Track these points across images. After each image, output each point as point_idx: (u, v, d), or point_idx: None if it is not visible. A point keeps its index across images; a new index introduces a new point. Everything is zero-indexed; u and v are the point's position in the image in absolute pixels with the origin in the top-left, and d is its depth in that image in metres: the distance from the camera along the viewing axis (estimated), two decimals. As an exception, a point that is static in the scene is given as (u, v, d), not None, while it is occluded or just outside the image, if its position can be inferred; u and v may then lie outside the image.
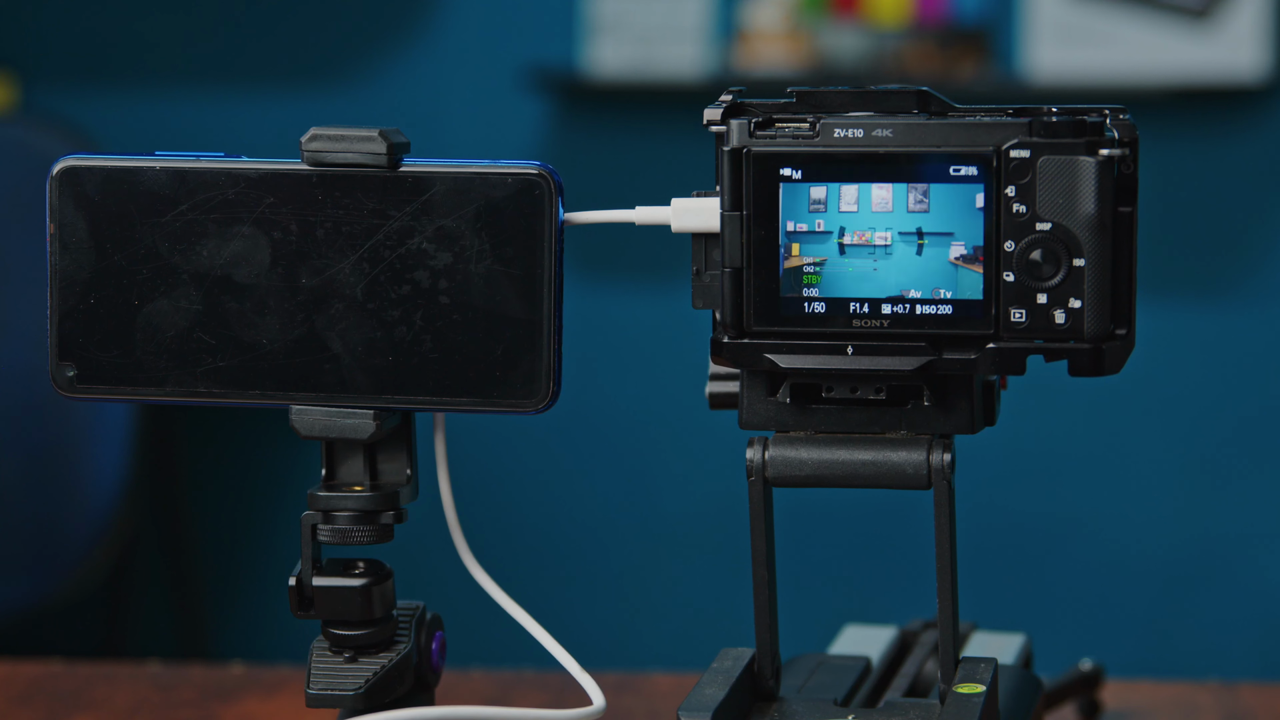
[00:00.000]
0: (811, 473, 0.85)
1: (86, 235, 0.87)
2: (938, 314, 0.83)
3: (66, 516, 2.53)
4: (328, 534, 0.88)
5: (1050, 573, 2.96)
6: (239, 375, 0.87)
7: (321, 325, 0.86)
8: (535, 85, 2.91)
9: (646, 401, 2.99)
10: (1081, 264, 0.81)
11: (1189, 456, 2.93)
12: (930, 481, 0.84)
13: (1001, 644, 1.02)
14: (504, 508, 3.00)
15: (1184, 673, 2.62)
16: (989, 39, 2.87)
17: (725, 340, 0.84)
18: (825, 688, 0.91)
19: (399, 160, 0.86)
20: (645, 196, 0.98)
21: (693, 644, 2.88)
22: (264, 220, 0.86)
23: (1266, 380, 2.90)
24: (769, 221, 0.83)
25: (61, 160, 0.87)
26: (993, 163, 0.81)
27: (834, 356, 0.84)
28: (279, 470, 3.03)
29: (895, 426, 0.85)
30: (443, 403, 0.86)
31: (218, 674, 1.20)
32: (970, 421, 0.85)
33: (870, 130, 0.82)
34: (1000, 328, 0.82)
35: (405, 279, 0.86)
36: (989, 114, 0.82)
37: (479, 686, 1.16)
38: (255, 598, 3.05)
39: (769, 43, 2.89)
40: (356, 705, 0.87)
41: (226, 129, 2.96)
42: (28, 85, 2.96)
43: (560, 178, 0.86)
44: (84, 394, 0.88)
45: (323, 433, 0.87)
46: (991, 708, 0.86)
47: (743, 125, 0.83)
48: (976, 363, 0.83)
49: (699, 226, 0.85)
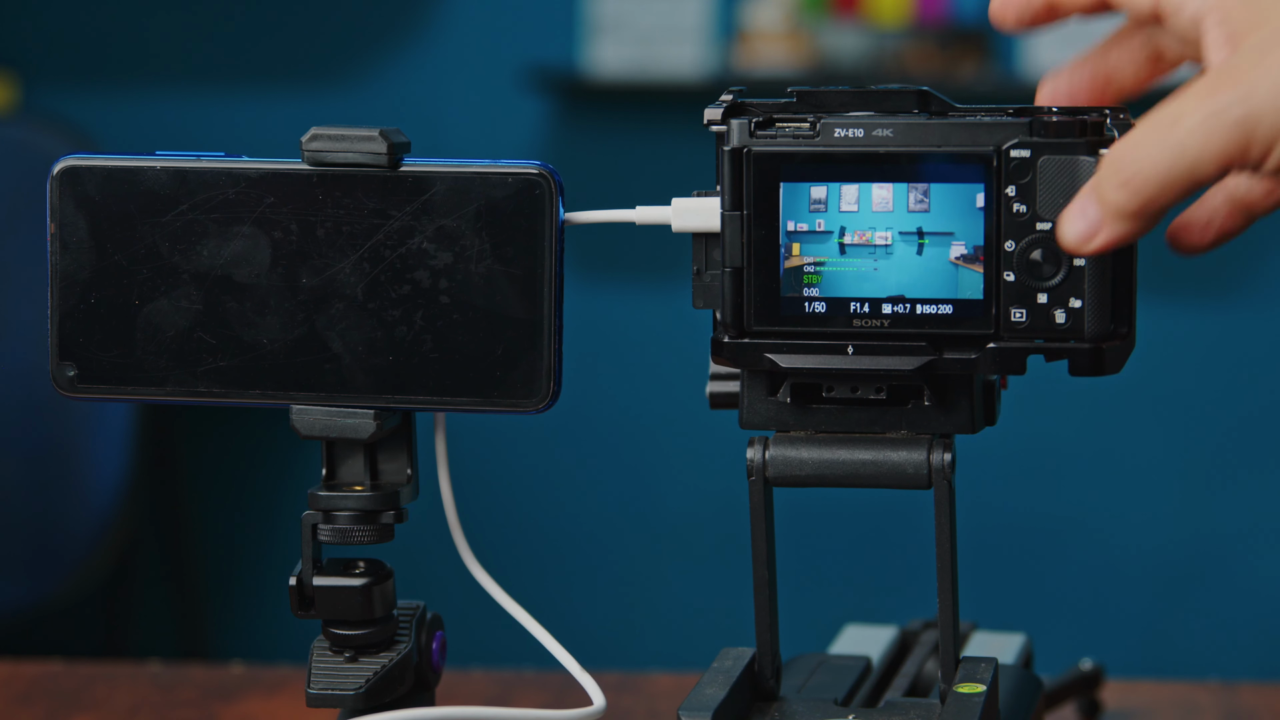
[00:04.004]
0: (812, 473, 0.85)
1: (87, 235, 0.87)
2: (938, 314, 0.83)
3: (66, 516, 2.53)
4: (328, 534, 0.88)
5: (1050, 573, 2.97)
6: (239, 375, 0.87)
7: (322, 325, 0.86)
8: (535, 85, 2.91)
9: (646, 401, 2.99)
10: (1082, 264, 0.81)
11: (1189, 456, 2.93)
12: (930, 481, 0.84)
13: (1001, 644, 1.02)
14: (504, 508, 3.00)
15: (1184, 673, 2.63)
16: (989, 39, 2.87)
17: (725, 340, 0.84)
18: (825, 687, 0.91)
19: (399, 160, 0.86)
20: (645, 196, 0.98)
21: (693, 644, 2.88)
22: (264, 220, 0.86)
23: (1266, 380, 2.90)
24: (769, 221, 0.83)
25: (61, 160, 0.87)
26: (993, 162, 0.81)
27: (834, 356, 0.84)
28: (279, 470, 3.03)
29: (895, 426, 0.85)
30: (443, 403, 0.86)
31: (218, 674, 1.20)
32: (970, 421, 0.85)
33: (870, 130, 0.82)
34: (1000, 327, 0.82)
35: (406, 279, 0.86)
36: (989, 114, 0.82)
37: (479, 686, 1.16)
38: (255, 598, 3.05)
39: (769, 43, 2.89)
40: (357, 705, 0.87)
41: (226, 129, 2.96)
42: (28, 85, 2.96)
43: (560, 177, 0.86)
44: (84, 394, 0.88)
45: (323, 433, 0.87)
46: (991, 708, 0.86)
47: (743, 125, 0.83)
48: (977, 363, 0.83)
49: (699, 226, 0.85)
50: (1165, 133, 0.74)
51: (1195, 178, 0.74)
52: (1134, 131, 0.76)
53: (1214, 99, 0.73)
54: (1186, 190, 0.75)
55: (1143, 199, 0.75)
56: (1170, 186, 0.75)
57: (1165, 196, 0.75)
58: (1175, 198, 0.75)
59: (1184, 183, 0.74)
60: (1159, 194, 0.75)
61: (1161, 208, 0.76)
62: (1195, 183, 0.75)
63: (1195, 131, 0.74)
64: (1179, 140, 0.74)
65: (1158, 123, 0.75)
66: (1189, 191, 0.75)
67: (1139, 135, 0.75)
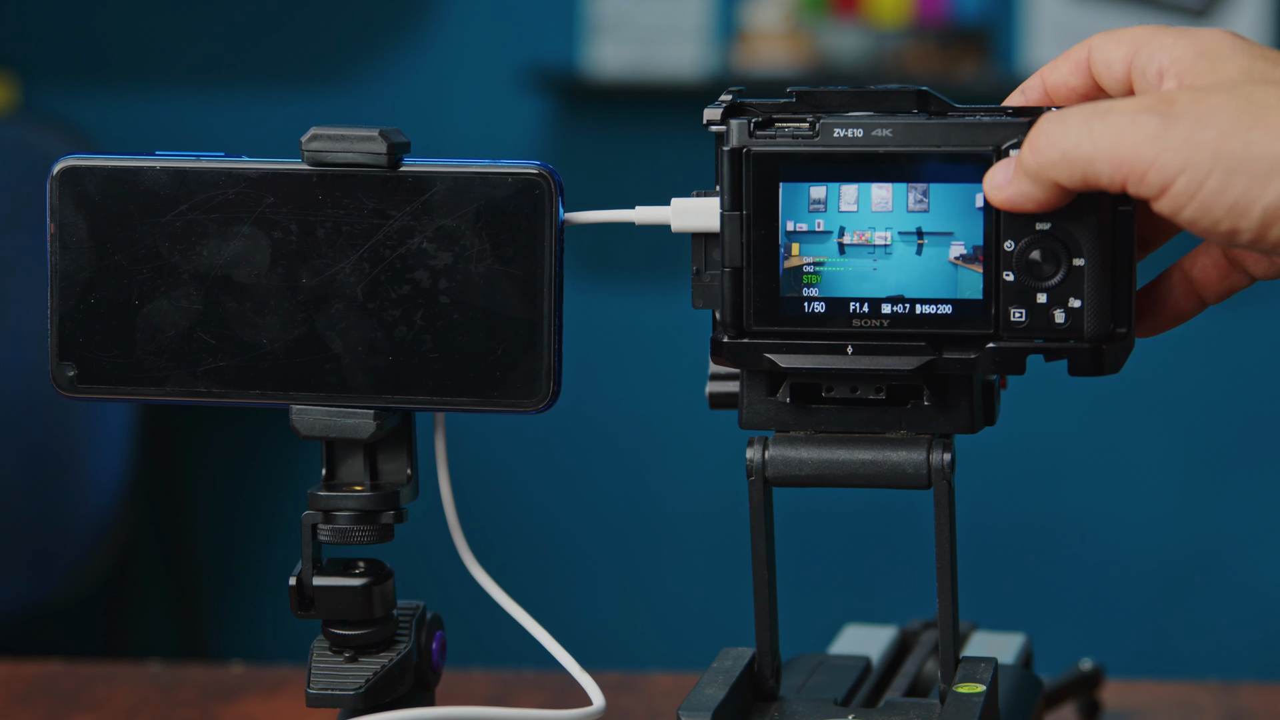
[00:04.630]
0: (811, 473, 0.85)
1: (87, 235, 0.87)
2: (937, 314, 0.83)
3: (66, 516, 2.53)
4: (328, 534, 0.88)
5: (1050, 573, 2.96)
6: (239, 375, 0.87)
7: (322, 325, 0.86)
8: (535, 85, 2.91)
9: (646, 401, 2.99)
10: (1081, 263, 0.81)
11: (1189, 456, 2.93)
12: (930, 481, 0.84)
13: (1001, 644, 1.02)
14: (504, 508, 3.00)
15: (1184, 673, 2.63)
16: (989, 39, 2.87)
17: (725, 340, 0.84)
18: (825, 688, 0.91)
19: (399, 160, 0.86)
20: (645, 196, 0.98)
21: (693, 644, 2.88)
22: (264, 220, 0.86)
23: (1266, 380, 2.90)
24: (769, 221, 0.83)
25: (61, 160, 0.87)
26: (992, 162, 0.81)
27: (834, 356, 0.84)
28: (279, 470, 3.03)
29: (895, 426, 0.85)
30: (443, 403, 0.86)
31: (218, 674, 1.20)
32: (970, 421, 0.85)
33: (870, 130, 0.82)
34: (1000, 327, 0.82)
35: (405, 279, 0.86)
36: (989, 114, 0.82)
37: (479, 686, 1.16)
38: (255, 598, 3.05)
39: (769, 43, 2.89)
40: (356, 705, 0.87)
41: (226, 129, 2.96)
42: (28, 85, 2.96)
43: (560, 177, 0.86)
44: (84, 394, 0.88)
45: (323, 433, 0.87)
46: (991, 708, 0.86)
47: (742, 125, 0.83)
48: (976, 362, 0.83)
49: (699, 226, 0.85)
50: (1089, 116, 0.76)
51: (1091, 170, 0.76)
52: (1070, 108, 0.77)
53: (1142, 112, 0.75)
54: (1080, 177, 0.76)
55: (1039, 162, 0.77)
56: (1068, 163, 0.76)
57: (1059, 169, 0.76)
58: (1070, 177, 0.76)
59: (1081, 166, 0.76)
60: (1055, 164, 0.76)
61: (1055, 180, 0.77)
62: (1089, 175, 0.76)
63: (1111, 127, 0.75)
64: (1094, 128, 0.75)
65: (1091, 107, 0.76)
66: (1084, 180, 0.76)
67: (1070, 110, 0.77)
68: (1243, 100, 0.74)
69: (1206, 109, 0.74)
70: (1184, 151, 0.73)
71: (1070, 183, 0.77)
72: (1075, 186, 0.77)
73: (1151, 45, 0.79)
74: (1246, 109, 0.73)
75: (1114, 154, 0.75)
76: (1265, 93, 0.74)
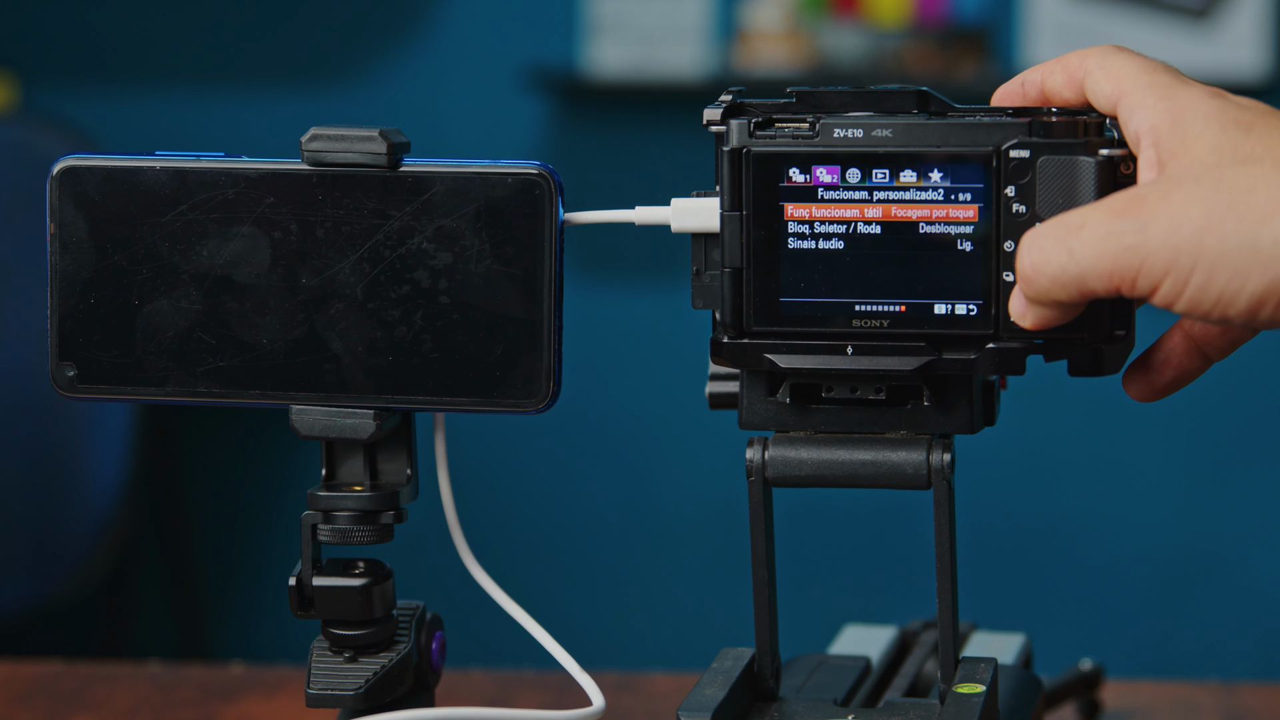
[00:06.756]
0: (811, 473, 0.85)
1: (86, 235, 0.87)
2: (937, 314, 0.83)
3: (66, 516, 2.53)
4: (328, 534, 0.88)
5: (1050, 573, 2.96)
6: (239, 375, 0.87)
7: (322, 325, 0.86)
8: (535, 85, 2.91)
9: (646, 401, 2.99)
10: (1081, 264, 0.81)
11: (1189, 456, 2.93)
12: (930, 481, 0.84)
13: (1001, 644, 1.02)
14: (504, 508, 3.00)
15: (1184, 673, 2.63)
16: (989, 39, 2.87)
17: (725, 340, 0.84)
18: (825, 688, 0.91)
19: (399, 160, 0.86)
20: (645, 196, 0.98)
21: (693, 644, 2.88)
22: (264, 220, 0.86)
23: (1266, 380, 2.90)
24: (769, 221, 0.83)
25: (61, 160, 0.87)
26: (992, 162, 0.81)
27: (834, 356, 0.84)
28: (279, 470, 3.03)
29: (895, 426, 0.85)
30: (443, 403, 0.86)
31: (218, 674, 1.20)
32: (970, 421, 0.85)
33: (870, 130, 0.82)
34: (1000, 328, 0.82)
35: (405, 279, 0.86)
36: (989, 114, 0.82)
37: (479, 686, 1.16)
38: (255, 598, 3.05)
39: (769, 43, 2.89)
40: (356, 705, 0.87)
41: (226, 129, 2.96)
42: (28, 85, 2.96)
43: (560, 178, 0.86)
44: (84, 394, 0.88)
45: (323, 433, 0.87)
46: (991, 708, 0.86)
47: (742, 125, 0.83)
48: (976, 363, 0.83)
49: (699, 226, 0.85)
50: (1065, 235, 0.77)
51: (1084, 286, 0.77)
52: (1043, 226, 0.78)
53: (1115, 220, 0.75)
54: (1077, 294, 0.77)
55: (1035, 290, 0.78)
56: (1060, 286, 0.77)
57: (1056, 292, 0.77)
58: (1068, 297, 0.77)
59: (1074, 287, 0.77)
60: (1050, 289, 0.77)
61: (1058, 301, 0.78)
62: (1084, 290, 0.77)
63: (1090, 244, 0.76)
64: (1073, 248, 0.76)
65: (1064, 223, 0.77)
66: (1080, 295, 0.77)
67: (1045, 229, 0.77)
68: (1211, 188, 0.74)
69: (1178, 205, 0.74)
70: (1164, 255, 0.74)
71: (1071, 299, 0.78)
72: (1078, 300, 0.78)
73: (1134, 99, 0.79)
74: (1216, 198, 0.74)
75: (1098, 269, 0.76)
76: (1234, 175, 0.75)
